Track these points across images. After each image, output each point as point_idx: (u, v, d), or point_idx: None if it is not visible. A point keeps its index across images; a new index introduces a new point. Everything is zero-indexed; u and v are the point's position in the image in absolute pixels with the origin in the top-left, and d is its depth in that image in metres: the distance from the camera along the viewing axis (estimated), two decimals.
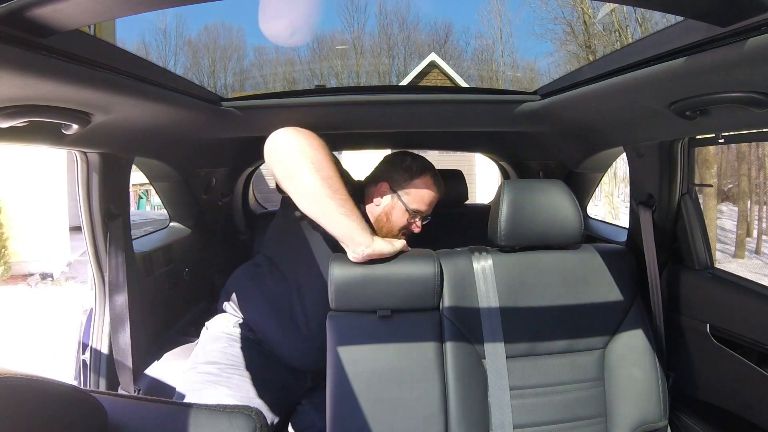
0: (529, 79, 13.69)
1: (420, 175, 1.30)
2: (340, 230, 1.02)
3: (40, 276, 5.05)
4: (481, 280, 1.05)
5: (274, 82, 15.61)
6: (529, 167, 1.96)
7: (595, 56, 9.95)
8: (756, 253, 7.99)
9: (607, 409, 1.05)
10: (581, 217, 1.08)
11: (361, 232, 1.01)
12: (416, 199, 1.29)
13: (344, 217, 1.01)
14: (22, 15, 0.50)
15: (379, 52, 16.27)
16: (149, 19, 17.11)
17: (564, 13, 10.98)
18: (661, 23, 7.34)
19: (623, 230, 1.49)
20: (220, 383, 1.10)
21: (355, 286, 1.01)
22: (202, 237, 1.76)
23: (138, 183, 8.38)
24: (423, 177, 1.30)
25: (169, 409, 0.52)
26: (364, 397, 0.98)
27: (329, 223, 1.02)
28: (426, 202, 1.30)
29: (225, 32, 16.46)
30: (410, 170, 1.30)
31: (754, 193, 8.71)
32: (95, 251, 1.14)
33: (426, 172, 1.31)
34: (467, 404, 0.99)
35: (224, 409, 0.49)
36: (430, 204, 1.31)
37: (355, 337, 1.01)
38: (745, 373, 0.96)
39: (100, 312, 1.15)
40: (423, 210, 1.30)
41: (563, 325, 1.06)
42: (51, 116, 0.75)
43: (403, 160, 1.33)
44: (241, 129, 1.33)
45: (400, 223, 1.28)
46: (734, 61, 0.59)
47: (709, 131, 0.98)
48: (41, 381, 0.39)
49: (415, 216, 1.29)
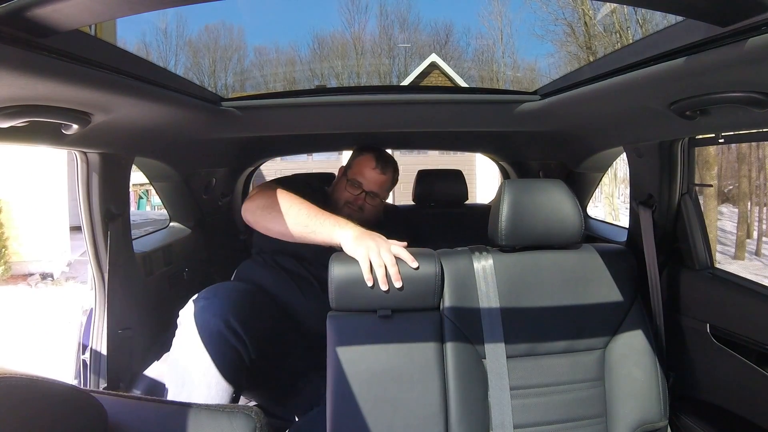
0: (530, 79, 13.68)
1: (363, 153, 1.45)
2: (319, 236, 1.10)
3: (40, 276, 5.04)
4: (481, 280, 1.05)
5: (274, 82, 15.60)
6: (529, 167, 1.96)
7: (596, 57, 9.94)
8: (756, 254, 7.99)
9: (608, 409, 1.05)
10: (581, 217, 1.08)
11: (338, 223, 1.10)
12: (356, 171, 1.43)
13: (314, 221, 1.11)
14: (22, 15, 0.50)
15: (379, 53, 16.28)
16: (149, 19, 17.09)
17: (564, 13, 10.98)
18: (662, 24, 7.34)
19: (623, 230, 1.49)
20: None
21: (355, 286, 1.01)
22: (202, 237, 1.76)
23: (138, 183, 8.38)
24: (366, 154, 1.44)
25: (169, 409, 0.52)
26: (364, 396, 0.98)
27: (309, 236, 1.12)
28: (365, 175, 1.41)
29: (225, 32, 16.45)
30: (359, 149, 1.49)
31: (755, 194, 8.70)
32: (95, 251, 1.14)
33: (370, 151, 1.45)
34: (467, 404, 0.99)
35: (224, 408, 0.49)
36: (370, 179, 1.41)
37: (356, 336, 1.01)
38: (745, 373, 0.96)
39: (100, 312, 1.15)
40: (362, 181, 1.41)
41: (563, 325, 1.06)
42: (51, 116, 0.75)
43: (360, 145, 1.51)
44: (241, 129, 1.33)
45: (341, 196, 1.42)
46: (734, 61, 0.59)
47: (709, 131, 0.98)
48: (41, 381, 0.39)
49: (354, 187, 1.40)
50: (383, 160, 1.43)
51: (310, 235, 1.11)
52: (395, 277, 0.99)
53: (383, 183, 1.43)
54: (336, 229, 1.08)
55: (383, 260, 0.99)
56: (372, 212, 1.43)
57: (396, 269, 0.99)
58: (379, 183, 1.42)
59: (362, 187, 1.40)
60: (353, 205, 1.40)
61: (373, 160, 1.42)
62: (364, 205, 1.41)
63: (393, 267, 0.99)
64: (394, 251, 1.02)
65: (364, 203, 1.41)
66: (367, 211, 1.41)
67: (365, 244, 1.02)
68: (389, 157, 1.46)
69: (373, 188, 1.42)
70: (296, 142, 1.96)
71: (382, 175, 1.42)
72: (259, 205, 1.20)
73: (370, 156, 1.43)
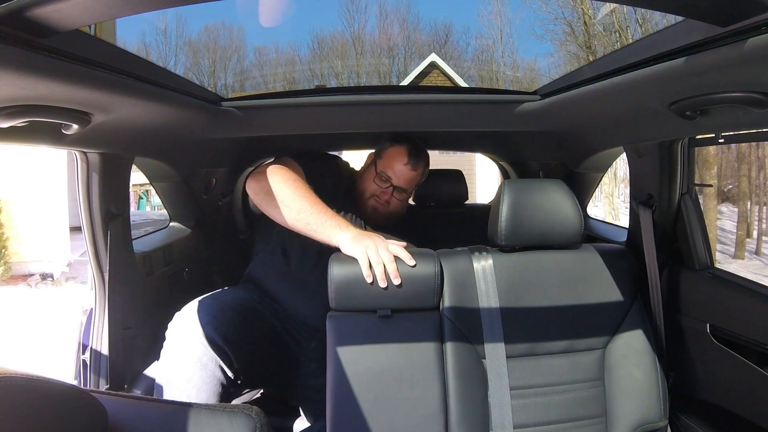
0: (530, 79, 13.67)
1: (396, 144, 1.37)
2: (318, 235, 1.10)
3: (40, 276, 5.04)
4: (481, 280, 1.05)
5: (274, 82, 15.58)
6: (529, 167, 1.96)
7: (596, 57, 9.94)
8: (756, 254, 7.99)
9: (607, 409, 1.05)
10: (581, 216, 1.08)
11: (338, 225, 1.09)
12: (386, 164, 1.35)
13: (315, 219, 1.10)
14: (22, 15, 0.50)
15: (379, 53, 16.26)
16: (149, 19, 17.07)
17: (564, 13, 10.97)
18: (661, 23, 7.34)
19: (623, 230, 1.49)
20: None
21: (355, 286, 1.01)
22: (202, 237, 1.76)
23: (138, 183, 8.37)
24: (398, 146, 1.36)
25: (170, 408, 0.52)
26: (364, 397, 0.98)
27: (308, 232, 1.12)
28: (395, 170, 1.34)
29: (225, 32, 16.43)
30: (390, 139, 1.39)
31: (754, 194, 8.71)
32: (95, 251, 1.14)
33: (403, 143, 1.36)
34: (467, 404, 0.99)
35: (224, 408, 0.49)
36: (400, 175, 1.35)
37: (355, 336, 1.01)
38: (745, 373, 0.96)
39: (100, 312, 1.15)
40: (391, 176, 1.34)
41: (563, 325, 1.06)
42: (51, 116, 0.75)
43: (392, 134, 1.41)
44: (241, 129, 1.33)
45: (368, 187, 1.36)
46: (734, 61, 0.59)
47: (709, 131, 0.98)
48: (41, 381, 0.39)
49: (382, 180, 1.34)
50: (416, 154, 1.36)
51: (311, 233, 1.12)
52: (393, 275, 0.99)
53: (413, 179, 1.38)
54: (336, 231, 1.09)
55: (381, 258, 1.00)
56: (398, 206, 1.39)
57: (394, 266, 1.00)
58: (409, 179, 1.37)
59: (391, 182, 1.35)
60: (379, 198, 1.35)
61: (405, 155, 1.34)
62: (390, 200, 1.36)
63: (391, 264, 1.00)
64: (393, 250, 1.02)
65: (391, 198, 1.36)
66: (393, 206, 1.37)
67: (363, 243, 1.02)
68: (422, 151, 1.39)
69: (402, 184, 1.36)
70: (296, 142, 1.96)
71: (413, 171, 1.36)
72: (264, 189, 1.18)
73: (403, 149, 1.35)
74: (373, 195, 1.35)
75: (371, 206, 1.35)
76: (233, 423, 0.47)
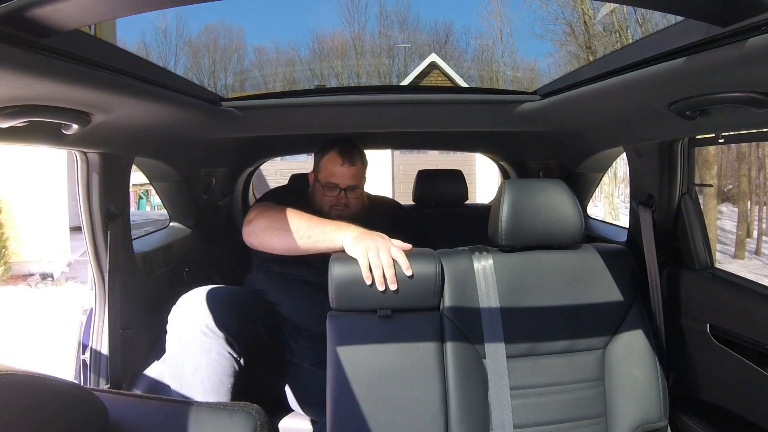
0: (530, 79, 13.67)
1: (326, 151, 1.39)
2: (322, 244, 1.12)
3: (40, 276, 5.04)
4: (481, 280, 1.06)
5: (274, 82, 15.60)
6: (529, 167, 1.96)
7: (596, 57, 9.94)
8: (756, 253, 7.99)
9: (608, 409, 1.05)
10: (582, 216, 1.08)
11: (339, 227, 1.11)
12: (326, 173, 1.38)
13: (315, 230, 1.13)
14: (22, 15, 0.50)
15: (379, 53, 16.27)
16: (149, 19, 17.09)
17: (564, 13, 10.97)
18: (661, 23, 7.34)
19: (623, 230, 1.49)
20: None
21: (355, 286, 1.01)
22: (202, 237, 1.76)
23: (138, 183, 8.38)
24: (329, 152, 1.38)
25: (170, 406, 0.52)
26: (364, 397, 0.98)
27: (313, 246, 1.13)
28: (335, 173, 1.37)
29: (225, 32, 16.45)
30: (320, 151, 1.41)
31: (754, 193, 8.71)
32: (95, 251, 1.14)
33: (331, 147, 1.39)
34: (467, 404, 0.99)
35: (225, 406, 0.49)
36: (342, 175, 1.37)
37: (356, 337, 1.01)
38: (745, 373, 0.96)
39: (100, 312, 1.15)
40: (335, 181, 1.37)
41: (563, 325, 1.06)
42: (51, 116, 0.75)
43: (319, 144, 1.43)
44: (241, 129, 1.33)
45: (323, 202, 1.38)
46: (734, 61, 0.59)
47: (709, 131, 0.98)
48: (43, 378, 0.39)
49: (331, 189, 1.37)
50: (347, 152, 1.38)
51: (315, 245, 1.13)
52: (391, 280, 1.00)
53: (355, 174, 1.39)
54: (337, 233, 1.10)
55: (381, 261, 1.00)
56: (357, 204, 1.41)
57: (392, 272, 1.00)
58: (352, 175, 1.38)
59: (339, 186, 1.37)
60: (338, 206, 1.38)
61: (337, 157, 1.37)
62: (348, 202, 1.38)
63: (389, 269, 1.00)
64: (394, 254, 1.02)
65: (348, 200, 1.38)
66: (353, 206, 1.40)
67: (365, 243, 1.03)
68: (352, 146, 1.41)
69: (349, 182, 1.38)
70: (296, 142, 1.96)
71: (352, 167, 1.38)
72: (262, 227, 1.22)
73: (333, 153, 1.38)
74: (331, 206, 1.38)
75: (336, 216, 1.34)
76: (233, 421, 0.48)
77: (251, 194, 2.29)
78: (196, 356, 1.11)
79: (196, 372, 1.11)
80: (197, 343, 1.11)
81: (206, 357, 1.11)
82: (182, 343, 1.13)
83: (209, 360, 1.11)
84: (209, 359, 1.11)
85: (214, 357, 1.12)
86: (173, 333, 1.15)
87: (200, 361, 1.11)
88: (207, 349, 1.11)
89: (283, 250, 1.19)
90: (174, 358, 1.14)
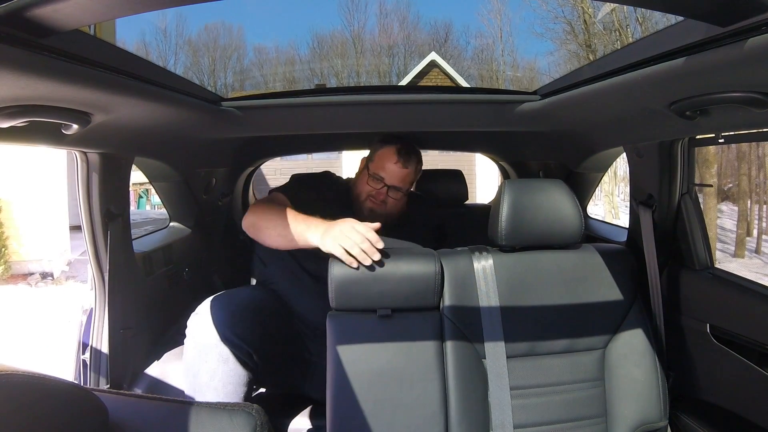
0: (529, 78, 13.67)
1: (386, 144, 1.39)
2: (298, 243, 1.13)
3: (40, 275, 5.04)
4: (481, 280, 1.06)
5: (274, 81, 15.59)
6: (529, 167, 1.96)
7: (596, 56, 9.93)
8: (756, 252, 8.00)
9: (608, 409, 1.05)
10: (581, 216, 1.08)
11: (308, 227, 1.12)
12: (378, 165, 1.38)
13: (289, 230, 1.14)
14: (22, 15, 0.50)
15: (379, 52, 16.25)
16: (149, 19, 17.08)
17: (564, 12, 10.96)
18: (661, 23, 7.34)
19: (623, 230, 1.49)
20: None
21: (355, 285, 1.01)
22: (202, 237, 1.76)
23: (138, 183, 8.38)
24: (388, 146, 1.39)
25: (170, 406, 0.52)
26: (364, 396, 0.98)
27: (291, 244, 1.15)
28: (387, 169, 1.37)
29: (225, 32, 16.43)
30: (381, 140, 1.42)
31: (754, 192, 8.71)
32: (95, 251, 1.14)
33: (393, 143, 1.39)
34: (467, 404, 0.99)
35: (225, 406, 0.49)
36: (392, 173, 1.37)
37: (355, 336, 1.01)
38: (745, 373, 0.96)
39: (100, 312, 1.15)
40: (383, 176, 1.37)
41: (563, 325, 1.06)
42: (51, 116, 0.75)
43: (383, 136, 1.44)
44: (241, 129, 1.33)
45: (363, 189, 1.39)
46: (734, 61, 0.59)
47: (709, 131, 0.98)
48: (43, 378, 0.40)
49: (376, 181, 1.37)
50: (405, 153, 1.38)
51: (292, 243, 1.15)
52: (371, 251, 1.01)
53: (406, 176, 1.39)
54: (307, 233, 1.11)
55: (354, 240, 1.02)
56: (395, 206, 1.40)
57: (368, 244, 1.02)
58: (401, 177, 1.38)
59: (384, 182, 1.37)
60: (375, 199, 1.37)
61: (394, 154, 1.37)
62: (386, 199, 1.38)
63: (364, 243, 1.02)
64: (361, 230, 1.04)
65: (387, 197, 1.38)
66: (390, 205, 1.39)
67: (332, 235, 1.05)
68: (412, 149, 1.41)
69: (395, 182, 1.37)
70: (296, 142, 1.96)
71: (405, 169, 1.37)
72: (250, 224, 1.26)
73: (392, 149, 1.38)
74: (368, 196, 1.38)
75: (368, 208, 1.37)
76: (233, 421, 0.48)
77: (251, 194, 2.29)
78: (213, 364, 1.12)
79: (212, 380, 1.12)
80: (215, 352, 1.12)
81: (224, 365, 1.13)
82: (199, 350, 1.13)
83: (226, 369, 1.13)
84: (226, 368, 1.13)
85: (231, 366, 1.13)
86: (191, 339, 1.16)
87: (216, 369, 1.12)
88: (225, 358, 1.12)
89: (273, 246, 1.21)
90: (191, 363, 1.15)
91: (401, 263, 1.04)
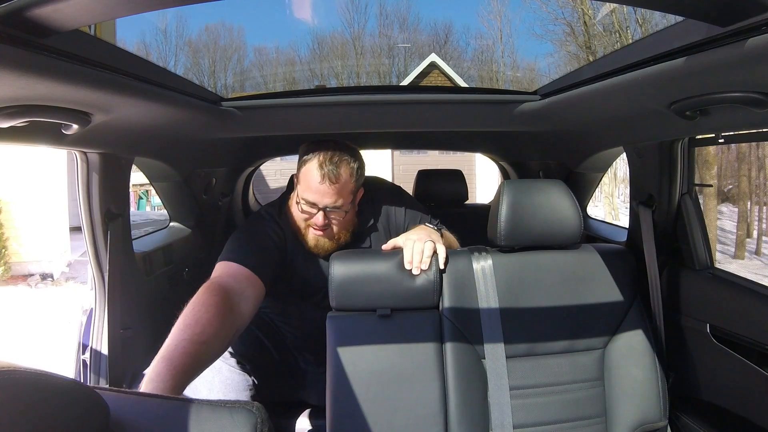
0: (529, 79, 13.68)
1: (307, 161, 1.13)
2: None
3: (40, 276, 5.04)
4: (480, 280, 1.06)
5: (274, 82, 15.60)
6: (529, 167, 1.96)
7: (596, 57, 9.95)
8: (756, 253, 8.00)
9: (607, 409, 1.05)
10: (581, 217, 1.08)
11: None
12: (304, 187, 1.13)
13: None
14: (22, 15, 0.50)
15: (379, 53, 16.27)
16: (149, 19, 17.09)
17: (564, 13, 10.97)
18: (661, 24, 7.34)
19: (623, 230, 1.49)
20: None
21: (355, 285, 1.01)
22: (202, 237, 1.76)
23: (138, 183, 8.38)
24: (309, 162, 1.12)
25: (171, 404, 0.52)
26: (363, 396, 0.98)
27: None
28: (314, 190, 1.10)
29: (225, 32, 16.45)
30: (303, 152, 1.15)
31: (754, 193, 8.71)
32: (95, 251, 1.14)
33: (313, 157, 1.11)
34: (467, 404, 0.99)
35: (226, 404, 0.49)
36: (322, 194, 1.10)
37: (355, 336, 1.01)
38: (745, 373, 0.96)
39: (100, 312, 1.15)
40: (313, 200, 1.11)
41: (563, 325, 1.06)
42: (51, 116, 0.75)
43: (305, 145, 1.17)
44: (241, 129, 1.33)
45: (299, 217, 1.16)
46: (734, 61, 0.59)
47: (709, 131, 0.98)
48: (45, 375, 0.40)
49: (309, 206, 1.12)
50: (330, 162, 1.10)
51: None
52: None
53: (340, 191, 1.11)
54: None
55: None
56: (343, 225, 1.17)
57: None
58: (333, 194, 1.11)
59: (317, 206, 1.12)
60: (316, 225, 1.14)
61: (316, 170, 1.10)
62: (329, 223, 1.15)
63: None
64: None
65: (329, 220, 1.14)
66: (337, 226, 1.16)
67: None
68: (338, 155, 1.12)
69: (329, 203, 1.12)
70: (296, 142, 1.96)
71: (335, 185, 1.10)
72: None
73: (313, 164, 1.11)
74: (308, 225, 1.15)
75: (313, 238, 1.16)
76: (234, 418, 0.48)
77: (251, 194, 2.29)
78: (208, 375, 1.12)
79: (211, 391, 1.14)
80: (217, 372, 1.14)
81: (218, 376, 1.14)
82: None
83: (221, 378, 1.14)
84: (221, 377, 1.14)
85: (225, 375, 1.15)
86: None
87: (213, 380, 1.14)
88: (217, 369, 1.13)
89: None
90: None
91: (401, 263, 1.04)
